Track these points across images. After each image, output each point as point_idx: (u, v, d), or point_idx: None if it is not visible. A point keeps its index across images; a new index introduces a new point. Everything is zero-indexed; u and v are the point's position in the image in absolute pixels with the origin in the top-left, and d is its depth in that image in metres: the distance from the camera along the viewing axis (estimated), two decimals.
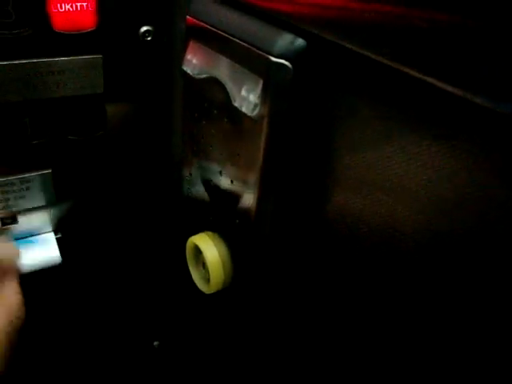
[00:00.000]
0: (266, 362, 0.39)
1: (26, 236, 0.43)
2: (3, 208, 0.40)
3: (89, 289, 0.50)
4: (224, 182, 0.33)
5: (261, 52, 0.25)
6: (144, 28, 0.38)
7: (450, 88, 0.17)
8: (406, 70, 0.19)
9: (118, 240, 0.48)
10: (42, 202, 0.41)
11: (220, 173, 0.33)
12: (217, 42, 0.29)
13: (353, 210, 0.25)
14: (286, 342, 0.35)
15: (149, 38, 0.39)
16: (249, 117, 0.27)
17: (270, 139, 0.27)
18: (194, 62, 0.32)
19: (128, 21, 0.37)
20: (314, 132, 0.27)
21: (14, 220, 0.41)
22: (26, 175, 0.39)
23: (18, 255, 0.37)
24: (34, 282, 0.44)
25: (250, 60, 0.26)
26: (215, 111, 0.31)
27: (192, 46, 0.32)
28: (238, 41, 0.27)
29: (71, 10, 0.34)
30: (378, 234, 0.24)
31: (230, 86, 0.28)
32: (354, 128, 0.24)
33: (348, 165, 0.25)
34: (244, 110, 0.27)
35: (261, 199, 0.30)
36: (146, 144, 0.44)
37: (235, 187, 0.31)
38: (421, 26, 0.17)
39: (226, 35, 0.28)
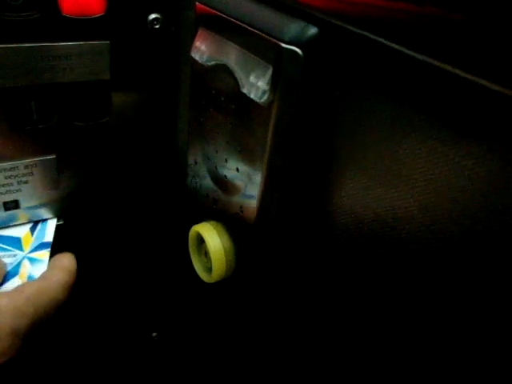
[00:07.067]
0: (265, 354, 0.39)
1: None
2: (6, 192, 0.40)
3: (88, 277, 0.49)
4: (229, 171, 0.32)
5: (271, 38, 0.25)
6: (152, 16, 0.38)
7: (469, 76, 0.17)
8: (421, 56, 0.18)
9: (120, 227, 0.48)
10: (45, 188, 0.41)
11: (226, 161, 0.33)
12: (226, 28, 0.29)
13: (359, 203, 0.25)
14: (286, 334, 0.35)
15: (157, 26, 0.38)
16: (257, 104, 0.27)
17: (278, 127, 0.27)
18: (203, 48, 0.31)
19: (136, 8, 0.37)
20: (322, 120, 0.27)
21: (16, 205, 0.41)
22: (30, 160, 0.39)
23: None
24: None
25: (260, 46, 0.26)
26: (223, 98, 0.31)
27: (201, 32, 0.32)
28: (247, 27, 0.27)
29: None
30: (383, 228, 0.24)
31: (238, 73, 0.28)
32: (364, 117, 0.24)
33: (356, 155, 0.25)
34: (252, 96, 0.27)
35: (266, 188, 0.30)
36: (152, 131, 0.44)
37: (241, 176, 0.31)
38: (436, 22, 0.17)
39: (236, 21, 0.28)
